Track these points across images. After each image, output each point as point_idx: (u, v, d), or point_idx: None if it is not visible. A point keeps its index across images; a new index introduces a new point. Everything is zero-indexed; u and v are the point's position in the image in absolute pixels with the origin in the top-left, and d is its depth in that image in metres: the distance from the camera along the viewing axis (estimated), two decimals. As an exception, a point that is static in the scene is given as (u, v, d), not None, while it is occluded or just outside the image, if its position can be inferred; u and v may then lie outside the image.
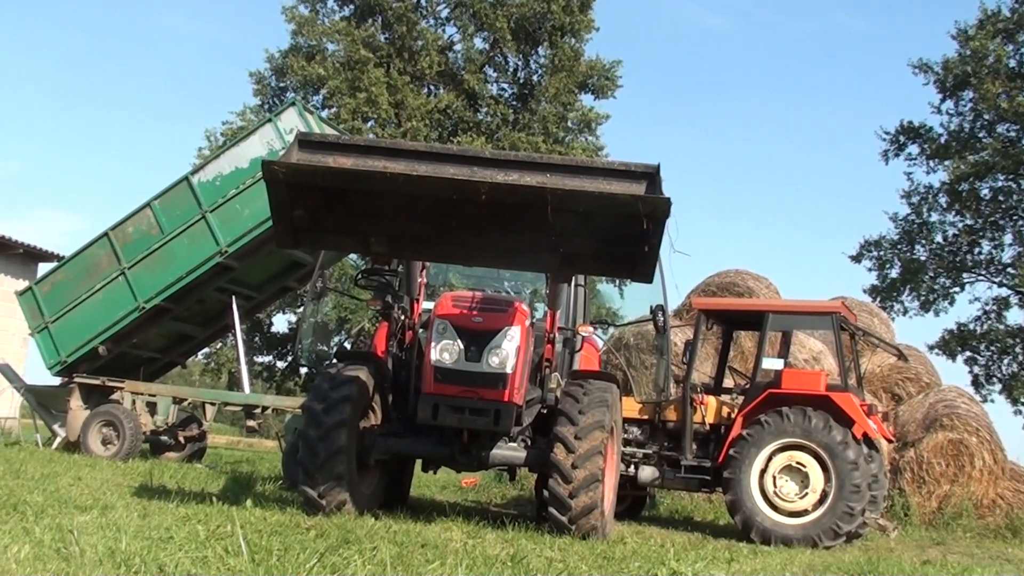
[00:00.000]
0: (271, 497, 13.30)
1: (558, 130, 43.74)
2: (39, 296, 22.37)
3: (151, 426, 21.85)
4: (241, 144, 21.37)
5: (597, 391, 11.95)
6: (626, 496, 16.45)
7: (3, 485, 11.32)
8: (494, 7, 43.46)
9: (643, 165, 10.32)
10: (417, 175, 10.11)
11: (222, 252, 20.68)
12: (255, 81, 45.43)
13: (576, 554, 9.62)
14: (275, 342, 46.56)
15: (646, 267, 10.50)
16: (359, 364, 12.28)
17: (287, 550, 7.70)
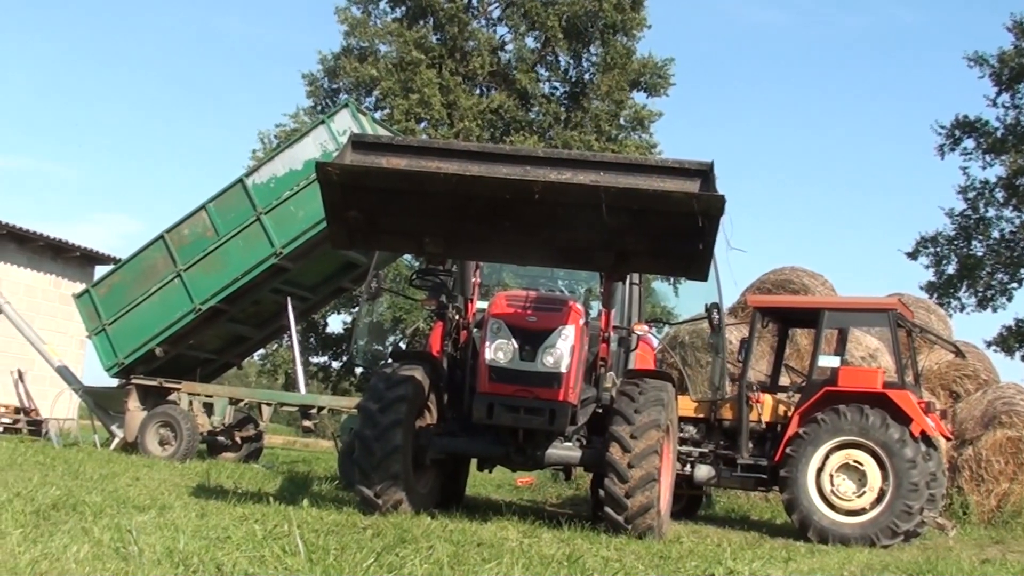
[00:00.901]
0: (327, 497, 13.33)
1: (611, 128, 43.67)
2: (96, 299, 22.53)
3: (208, 427, 21.95)
4: (295, 146, 21.44)
5: (652, 390, 11.90)
6: (682, 495, 16.36)
7: (62, 485, 11.40)
8: (545, 6, 43.42)
9: (697, 162, 10.30)
10: (470, 175, 10.12)
11: (277, 253, 20.75)
12: (308, 83, 45.65)
13: (632, 553, 9.60)
14: (330, 342, 46.72)
15: (701, 265, 10.48)
16: (414, 364, 12.28)
17: (344, 549, 7.72)
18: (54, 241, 31.55)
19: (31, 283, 31.06)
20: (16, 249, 30.64)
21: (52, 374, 24.91)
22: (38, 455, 16.77)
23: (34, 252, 31.30)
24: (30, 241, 30.90)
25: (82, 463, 15.87)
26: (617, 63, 43.37)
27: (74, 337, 30.11)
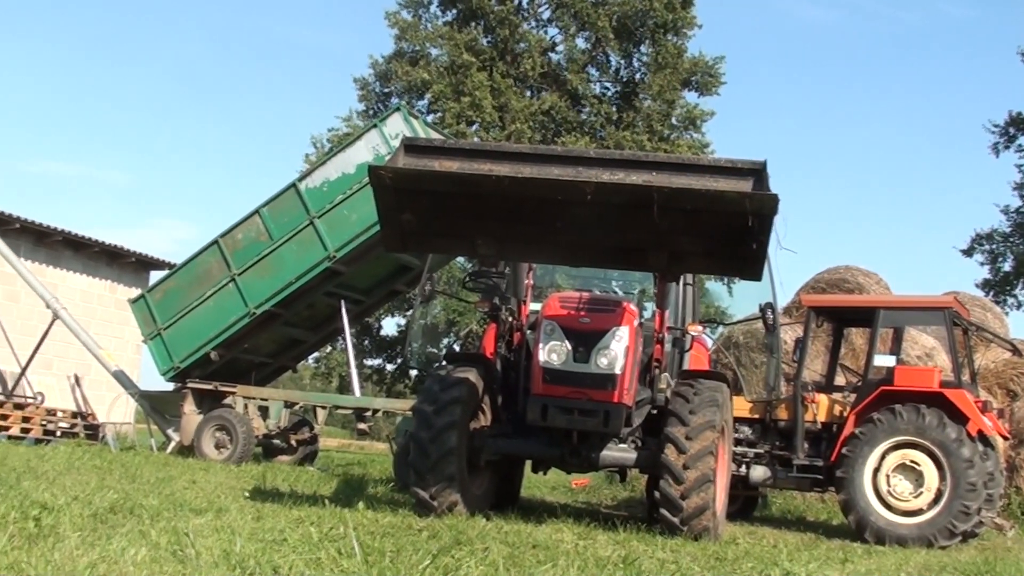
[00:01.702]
0: (383, 499, 13.38)
1: (662, 128, 43.55)
2: (151, 303, 22.69)
3: (263, 430, 22.07)
4: (347, 150, 21.50)
5: (707, 391, 11.85)
6: (738, 496, 16.29)
7: (119, 489, 11.48)
8: (595, 6, 43.39)
9: (750, 162, 10.25)
10: (522, 177, 10.12)
11: (331, 257, 20.81)
12: (360, 87, 45.82)
13: (688, 555, 9.57)
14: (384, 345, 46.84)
15: (755, 265, 10.43)
16: (468, 366, 12.28)
17: (400, 551, 7.73)
18: (109, 247, 31.76)
19: (87, 289, 31.29)
20: (72, 255, 30.88)
21: (109, 379, 25.11)
22: (95, 459, 16.90)
23: (90, 258, 31.52)
24: (86, 247, 31.13)
25: (139, 467, 15.98)
26: (668, 62, 43.27)
27: (130, 342, 30.32)
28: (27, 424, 23.14)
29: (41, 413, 24.02)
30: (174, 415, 22.66)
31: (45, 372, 27.34)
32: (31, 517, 8.02)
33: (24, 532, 7.32)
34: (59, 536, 7.24)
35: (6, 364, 27.42)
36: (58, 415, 24.70)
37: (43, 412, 24.18)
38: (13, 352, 27.34)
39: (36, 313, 26.82)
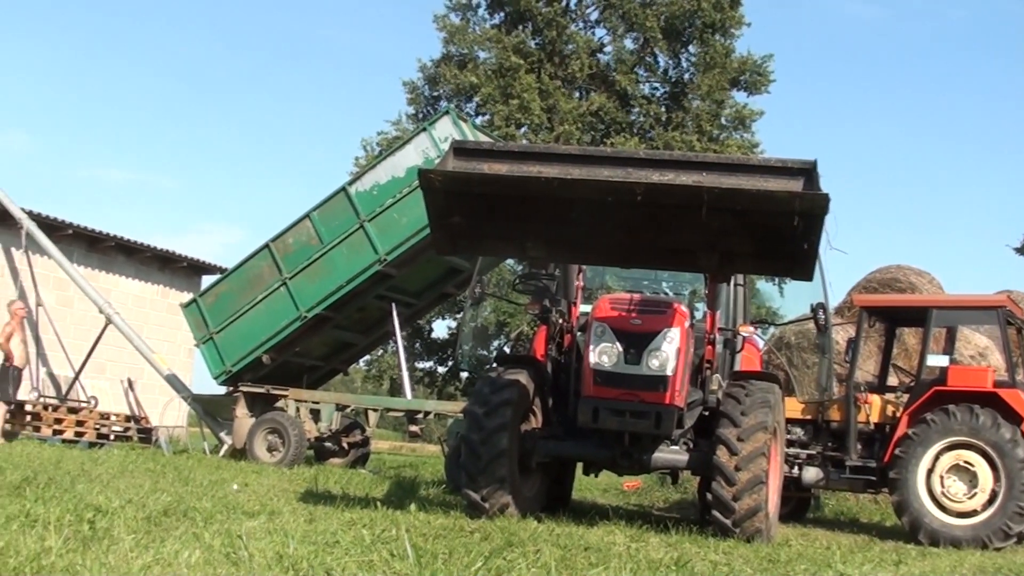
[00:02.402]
0: (434, 501, 13.39)
1: (712, 128, 43.46)
2: (203, 308, 22.81)
3: (315, 433, 22.12)
4: (397, 153, 21.54)
5: (759, 392, 11.80)
6: (790, 498, 16.19)
7: (173, 492, 11.54)
8: (643, 7, 43.36)
9: (800, 161, 10.21)
10: (572, 178, 10.12)
11: (381, 260, 20.85)
12: (408, 90, 45.94)
13: (741, 557, 9.53)
14: (435, 347, 46.94)
15: (806, 265, 10.39)
16: (519, 368, 12.28)
17: (452, 553, 7.74)
18: (161, 252, 31.94)
19: (140, 293, 31.49)
20: (125, 261, 31.07)
21: (161, 382, 25.26)
22: (149, 462, 17.00)
23: (142, 263, 31.71)
24: (138, 252, 31.32)
25: (192, 470, 16.06)
26: (716, 62, 43.19)
27: (182, 346, 30.46)
28: (81, 428, 23.32)
29: (95, 417, 24.19)
30: (226, 418, 22.76)
31: (98, 376, 27.54)
32: (86, 520, 8.09)
33: (79, 535, 7.37)
34: (113, 539, 7.29)
35: (60, 368, 27.65)
36: (111, 419, 24.87)
37: (97, 416, 24.35)
38: (67, 357, 27.57)
39: (89, 318, 27.03)
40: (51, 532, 7.14)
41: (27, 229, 26.15)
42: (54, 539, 6.86)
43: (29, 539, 6.88)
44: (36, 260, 27.47)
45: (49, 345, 27.90)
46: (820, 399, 16.11)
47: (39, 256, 27.27)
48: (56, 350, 27.90)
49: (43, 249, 26.40)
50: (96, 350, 26.00)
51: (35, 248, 26.80)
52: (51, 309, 28.02)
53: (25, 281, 27.33)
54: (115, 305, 26.12)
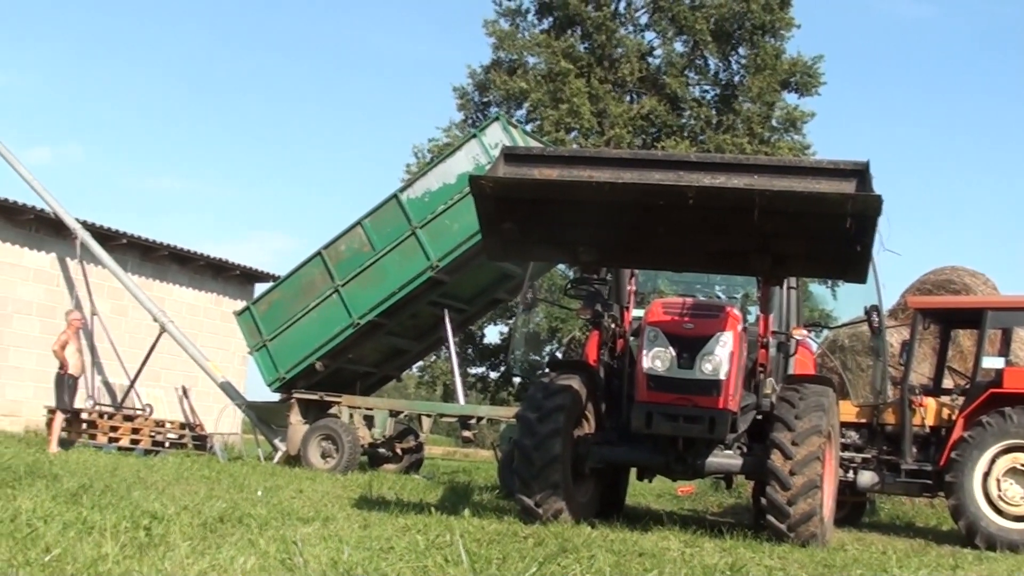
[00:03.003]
0: (488, 506, 13.38)
1: (763, 130, 43.31)
2: (256, 315, 22.95)
3: (369, 439, 22.18)
4: (448, 160, 21.59)
5: (813, 395, 11.72)
6: (845, 502, 16.07)
7: (228, 499, 11.59)
8: (693, 10, 43.26)
9: (852, 162, 10.15)
10: (623, 182, 10.10)
11: (433, 267, 20.90)
12: (458, 96, 46.04)
13: (796, 562, 9.48)
14: (488, 353, 46.93)
15: (859, 267, 10.34)
16: (571, 373, 12.26)
17: (506, 559, 7.74)
18: (214, 260, 32.17)
19: (193, 302, 31.71)
20: (178, 269, 31.31)
21: (216, 390, 25.42)
22: (204, 469, 17.10)
23: (195, 271, 31.94)
24: (191, 261, 31.55)
25: (246, 476, 16.13)
26: (767, 64, 43.02)
27: (236, 353, 30.66)
28: (136, 435, 23.50)
29: (150, 425, 24.37)
30: (280, 425, 22.87)
31: (153, 384, 27.76)
32: (142, 527, 8.14)
33: (135, 541, 7.42)
34: (169, 545, 7.33)
35: (115, 377, 27.91)
36: (166, 426, 25.05)
37: (152, 424, 24.54)
38: (122, 365, 27.82)
39: (144, 327, 27.23)
40: (108, 539, 7.18)
41: (82, 239, 26.40)
42: (111, 546, 6.90)
43: (86, 546, 6.93)
44: (91, 270, 27.76)
45: (104, 354, 28.16)
46: (874, 402, 15.99)
47: (94, 266, 27.54)
48: (111, 358, 28.16)
49: (98, 259, 26.66)
50: (151, 358, 26.19)
51: (90, 258, 27.06)
52: (106, 318, 28.29)
53: (80, 290, 27.60)
54: (169, 313, 26.31)
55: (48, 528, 7.68)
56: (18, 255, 26.83)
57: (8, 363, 26.52)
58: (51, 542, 6.98)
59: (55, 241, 27.41)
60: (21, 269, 26.91)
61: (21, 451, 17.27)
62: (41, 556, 6.51)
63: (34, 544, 6.93)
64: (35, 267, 27.21)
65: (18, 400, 26.55)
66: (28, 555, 6.52)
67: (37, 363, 26.00)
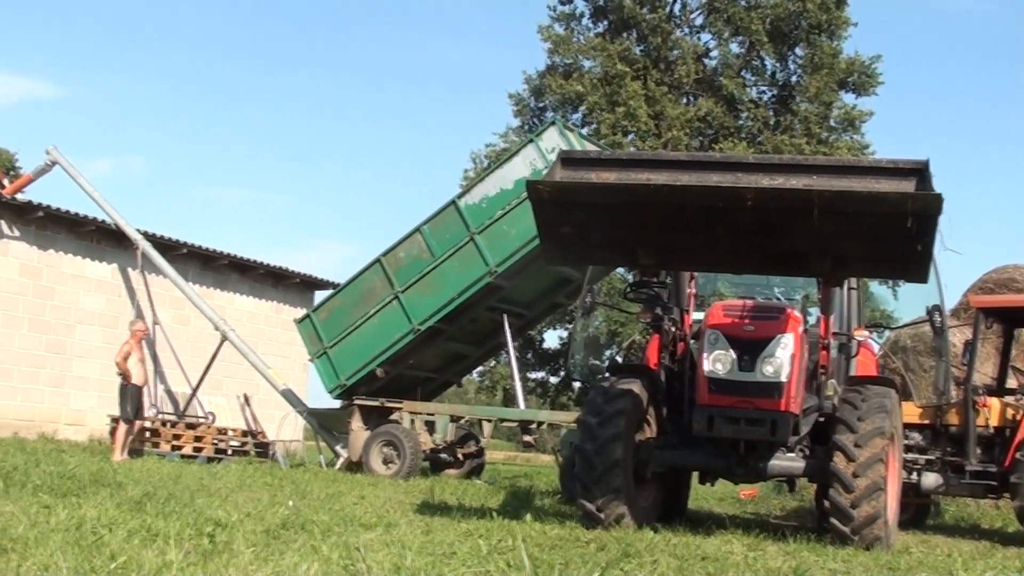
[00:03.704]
0: (550, 511, 13.37)
1: (820, 130, 43.12)
2: (317, 323, 23.05)
3: (430, 444, 22.22)
4: (505, 166, 21.60)
5: (875, 397, 11.62)
6: (909, 504, 15.93)
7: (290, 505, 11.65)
8: (749, 10, 43.14)
9: (911, 161, 10.09)
10: (681, 185, 10.09)
11: (491, 272, 20.92)
12: (515, 103, 46.13)
13: (860, 565, 9.40)
14: (547, 358, 46.97)
15: (920, 267, 10.25)
16: (632, 377, 12.21)
17: (568, 564, 7.72)
18: (274, 269, 32.33)
19: (254, 310, 31.88)
20: (239, 278, 31.49)
21: (277, 397, 25.54)
22: (266, 476, 17.18)
23: (256, 280, 32.11)
24: (251, 270, 31.72)
25: (308, 483, 16.20)
26: (824, 63, 42.83)
27: (297, 361, 30.79)
28: (199, 443, 23.65)
29: (212, 432, 24.52)
30: (342, 432, 22.96)
31: (215, 392, 27.93)
32: (205, 534, 8.18)
33: (199, 548, 7.46)
34: (233, 552, 7.36)
35: (178, 385, 28.11)
36: (229, 434, 25.19)
37: (214, 431, 24.68)
38: (184, 374, 28.02)
39: (205, 335, 27.44)
40: (172, 546, 7.23)
41: (143, 250, 26.62)
42: (175, 553, 6.94)
43: (150, 553, 6.98)
44: (152, 280, 27.99)
45: (166, 363, 28.37)
46: (938, 403, 15.87)
47: (155, 276, 27.77)
48: (173, 367, 28.37)
49: (159, 269, 26.88)
50: (212, 367, 26.39)
51: (151, 268, 27.29)
52: (168, 327, 28.51)
53: (142, 300, 27.84)
54: (230, 322, 26.48)
55: (113, 536, 7.73)
56: (80, 266, 27.09)
57: (72, 373, 26.76)
58: (116, 550, 7.03)
59: (117, 252, 27.66)
60: (84, 280, 27.16)
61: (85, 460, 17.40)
62: (107, 564, 6.56)
63: (99, 552, 6.98)
64: (97, 278, 27.46)
65: (82, 409, 26.80)
66: (94, 563, 6.57)
67: (100, 372, 26.20)
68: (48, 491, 11.42)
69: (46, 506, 9.70)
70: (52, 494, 11.15)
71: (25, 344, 25.81)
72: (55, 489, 11.66)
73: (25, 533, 7.57)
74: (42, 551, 6.86)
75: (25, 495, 10.91)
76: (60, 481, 12.47)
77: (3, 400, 25.30)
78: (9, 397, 25.45)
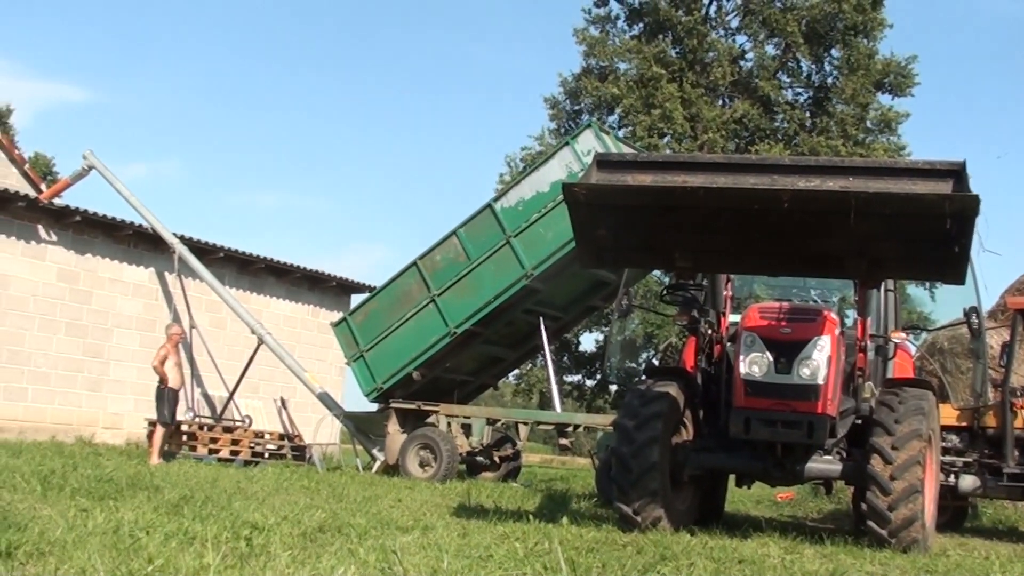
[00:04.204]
0: (586, 514, 13.38)
1: (857, 132, 42.98)
2: (353, 326, 23.10)
3: (466, 447, 22.22)
4: (541, 169, 21.59)
5: (913, 399, 11.58)
6: (946, 507, 15.86)
7: (327, 508, 11.66)
8: (784, 12, 43.04)
9: (948, 162, 10.04)
10: (717, 187, 10.06)
11: (527, 275, 20.91)
12: (550, 106, 46.17)
13: (897, 568, 9.37)
14: (583, 361, 46.96)
15: (957, 268, 10.19)
16: (668, 380, 12.19)
17: (605, 567, 7.73)
18: (311, 272, 32.41)
19: (290, 314, 31.98)
20: (275, 282, 31.60)
21: (314, 401, 25.66)
22: (303, 479, 17.22)
23: (292, 284, 32.21)
24: (288, 273, 31.82)
25: (345, 486, 16.23)
26: (860, 64, 42.69)
27: (333, 364, 30.90)
28: (236, 447, 23.71)
29: (249, 436, 24.58)
30: (378, 435, 23.00)
31: (252, 396, 28.04)
32: (242, 537, 8.22)
33: (236, 551, 7.49)
34: (270, 555, 7.39)
35: (215, 389, 28.23)
36: (265, 437, 25.26)
37: (251, 435, 24.74)
38: (221, 377, 28.13)
39: (242, 339, 27.55)
40: (209, 549, 7.26)
41: (180, 254, 26.76)
42: (212, 556, 6.97)
43: (188, 556, 7.01)
44: (189, 283, 28.13)
45: (203, 366, 28.49)
46: (975, 405, 15.79)
47: (192, 279, 27.92)
48: (210, 371, 28.48)
49: (196, 273, 27.02)
50: (249, 370, 26.47)
51: (188, 272, 27.42)
52: (204, 331, 28.63)
53: (179, 304, 27.96)
54: (267, 325, 26.59)
55: (150, 539, 7.77)
56: (118, 270, 27.25)
57: (109, 376, 26.91)
58: (153, 552, 7.07)
59: (154, 256, 27.81)
60: (121, 284, 27.31)
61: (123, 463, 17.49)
62: (144, 567, 6.60)
63: (137, 555, 7.02)
64: (134, 282, 27.61)
65: (119, 413, 26.95)
66: (131, 566, 6.60)
67: (137, 376, 26.36)
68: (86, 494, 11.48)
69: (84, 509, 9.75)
70: (90, 497, 11.21)
71: (63, 348, 25.98)
72: (93, 492, 11.72)
73: (63, 536, 7.62)
74: (80, 554, 6.90)
75: (63, 498, 10.97)
76: (98, 484, 12.53)
77: (41, 404, 25.49)
78: (47, 401, 25.64)
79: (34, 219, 25.58)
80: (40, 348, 25.50)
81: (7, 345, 24.85)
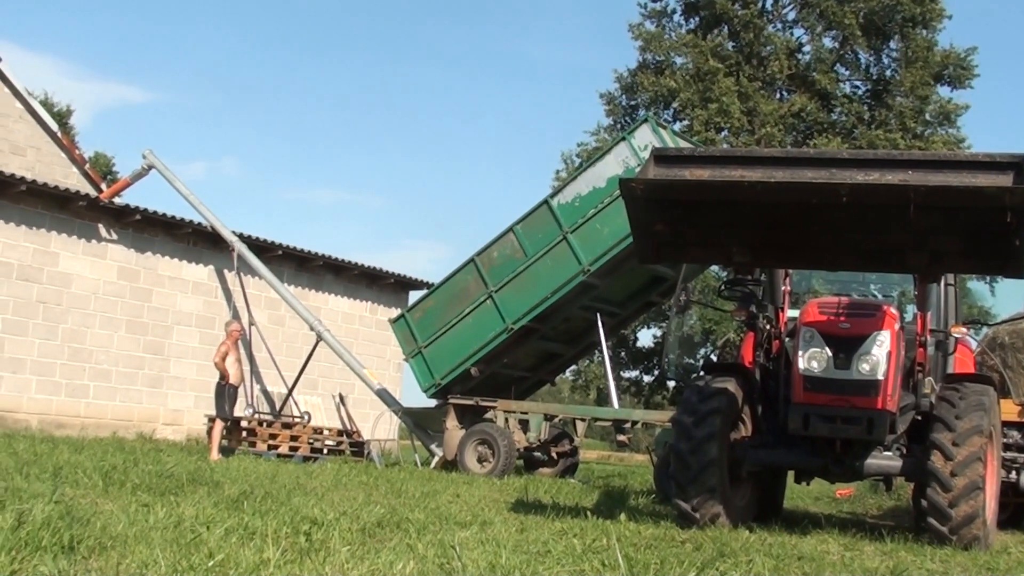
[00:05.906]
0: (644, 511, 13.33)
1: (916, 125, 42.63)
2: (411, 323, 23.15)
3: (524, 443, 22.24)
4: (597, 164, 21.54)
5: (973, 394, 11.45)
6: (1008, 504, 15.69)
7: (386, 504, 11.69)
8: (841, 4, 42.79)
9: (1009, 155, 9.95)
10: (775, 182, 10.01)
11: (584, 271, 20.88)
12: (606, 102, 46.12)
13: (958, 565, 9.29)
14: (641, 356, 46.88)
15: (1018, 262, 10.07)
16: (727, 376, 12.13)
17: (663, 563, 7.69)
18: (369, 269, 32.49)
19: (349, 311, 32.08)
20: (333, 279, 31.70)
21: (372, 397, 25.72)
22: (361, 475, 17.27)
23: (350, 281, 32.30)
24: (346, 270, 31.91)
25: (404, 482, 16.26)
26: (919, 56, 42.36)
27: (391, 361, 31.00)
28: (295, 443, 23.81)
29: (308, 432, 24.68)
30: (437, 431, 23.05)
31: (311, 392, 28.18)
32: (302, 532, 8.24)
33: (296, 546, 7.52)
34: (329, 550, 7.41)
35: (274, 385, 28.37)
36: (324, 433, 25.36)
37: (310, 431, 24.85)
38: (280, 374, 28.26)
39: (301, 336, 27.72)
40: (269, 544, 7.29)
41: (238, 251, 26.90)
42: (272, 551, 7.00)
43: (248, 551, 7.04)
44: (248, 281, 28.26)
45: (262, 363, 28.64)
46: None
47: (251, 277, 28.05)
48: (269, 368, 28.62)
49: (254, 270, 27.14)
50: (308, 367, 26.61)
51: (246, 269, 27.56)
52: (263, 328, 28.77)
53: (238, 301, 28.10)
54: (325, 322, 26.71)
55: (211, 534, 7.80)
56: (177, 268, 27.44)
57: (169, 373, 27.10)
58: (214, 548, 7.10)
59: (213, 254, 27.98)
60: (180, 282, 27.50)
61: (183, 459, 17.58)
62: (204, 561, 6.63)
63: (197, 550, 7.05)
64: (194, 280, 27.79)
65: (180, 409, 27.15)
66: (192, 560, 6.64)
67: (197, 373, 26.58)
68: (147, 490, 11.55)
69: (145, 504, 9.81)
70: (151, 493, 11.28)
71: (123, 345, 26.18)
72: (154, 488, 11.80)
73: (124, 531, 7.66)
74: (141, 548, 6.94)
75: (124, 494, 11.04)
76: (158, 480, 12.61)
77: (102, 400, 25.71)
78: (108, 397, 25.85)
79: (95, 218, 25.81)
80: (101, 345, 25.72)
81: (69, 343, 25.08)
